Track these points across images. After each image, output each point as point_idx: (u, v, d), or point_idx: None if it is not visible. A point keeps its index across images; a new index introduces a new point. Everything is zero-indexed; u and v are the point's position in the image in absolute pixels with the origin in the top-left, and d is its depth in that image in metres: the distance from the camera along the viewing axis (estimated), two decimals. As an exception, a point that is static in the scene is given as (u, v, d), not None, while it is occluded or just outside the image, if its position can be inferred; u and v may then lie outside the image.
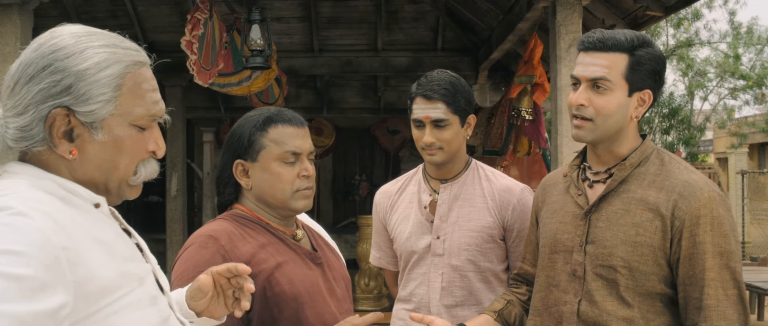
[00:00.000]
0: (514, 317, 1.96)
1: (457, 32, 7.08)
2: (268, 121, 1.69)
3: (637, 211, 1.66)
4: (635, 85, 1.68)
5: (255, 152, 1.68)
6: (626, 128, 1.72)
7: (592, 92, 1.69)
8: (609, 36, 1.68)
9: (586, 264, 1.71)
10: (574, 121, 1.73)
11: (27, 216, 1.00)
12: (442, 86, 2.10)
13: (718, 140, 21.12)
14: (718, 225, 1.60)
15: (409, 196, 2.31)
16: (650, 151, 1.74)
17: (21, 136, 1.09)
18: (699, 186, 1.64)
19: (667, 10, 4.52)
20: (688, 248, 1.60)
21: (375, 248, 2.48)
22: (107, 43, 1.14)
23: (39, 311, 0.95)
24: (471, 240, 2.16)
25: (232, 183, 1.73)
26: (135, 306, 1.12)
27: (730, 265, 1.59)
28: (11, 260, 0.95)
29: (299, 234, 1.77)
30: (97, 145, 1.12)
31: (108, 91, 1.11)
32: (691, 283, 1.60)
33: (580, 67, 1.72)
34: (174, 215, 7.40)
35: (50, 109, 1.08)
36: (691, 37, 16.51)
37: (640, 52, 1.67)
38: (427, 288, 2.19)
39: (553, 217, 1.84)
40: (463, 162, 2.25)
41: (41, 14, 5.82)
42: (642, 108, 1.72)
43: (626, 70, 1.67)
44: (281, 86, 6.92)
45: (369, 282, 6.71)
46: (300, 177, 1.69)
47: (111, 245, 1.12)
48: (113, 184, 1.16)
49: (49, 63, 1.09)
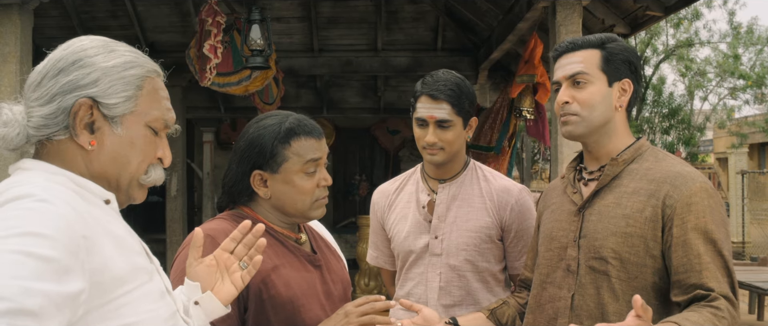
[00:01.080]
0: (507, 318, 1.97)
1: (457, 32, 7.09)
2: (291, 133, 1.66)
3: (628, 204, 1.68)
4: (612, 75, 1.75)
5: (277, 164, 1.65)
6: (613, 120, 1.76)
7: (573, 89, 1.75)
8: (578, 38, 1.79)
9: (579, 259, 1.73)
10: (561, 119, 1.78)
11: (50, 202, 1.05)
12: (448, 87, 2.10)
13: (718, 140, 21.14)
14: (710, 213, 1.60)
15: (407, 196, 2.31)
16: (645, 149, 1.76)
17: (44, 123, 1.15)
18: (691, 176, 1.65)
19: (667, 10, 4.53)
20: (680, 235, 1.60)
21: (372, 247, 2.48)
22: (130, 49, 1.25)
23: (65, 293, 0.99)
24: (469, 240, 2.16)
25: (247, 193, 1.70)
26: (146, 298, 1.15)
27: (722, 252, 1.59)
28: (41, 242, 0.99)
29: (303, 237, 1.76)
30: (115, 139, 1.19)
31: (130, 89, 1.20)
32: (686, 270, 1.59)
33: (557, 71, 1.80)
34: (174, 215, 7.40)
35: (76, 98, 1.15)
36: (691, 37, 16.53)
37: (610, 45, 1.76)
38: (424, 288, 2.19)
39: (550, 217, 1.86)
40: (461, 162, 2.25)
41: (41, 14, 5.82)
42: (625, 97, 1.77)
43: (601, 62, 1.74)
44: (279, 85, 6.92)
45: (369, 282, 6.71)
46: (319, 186, 1.69)
47: (122, 239, 1.16)
48: (124, 180, 1.22)
49: (79, 59, 1.18)
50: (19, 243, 0.97)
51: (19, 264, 0.95)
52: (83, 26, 6.76)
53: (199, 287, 1.36)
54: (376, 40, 7.13)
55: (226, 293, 1.38)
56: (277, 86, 6.88)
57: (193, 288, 1.36)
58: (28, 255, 0.97)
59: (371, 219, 2.44)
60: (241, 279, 1.39)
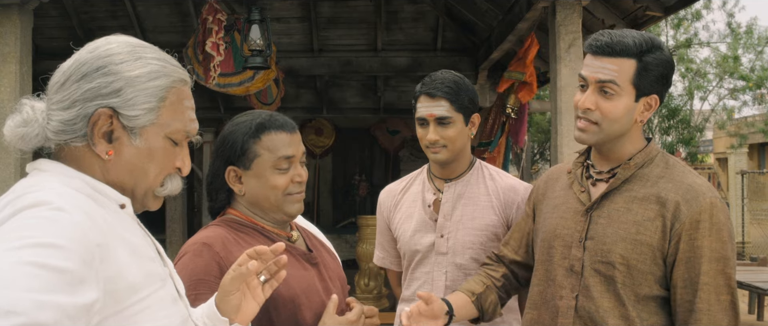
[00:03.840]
0: (489, 303, 1.95)
1: (457, 32, 7.08)
2: (261, 128, 1.68)
3: (638, 210, 1.67)
4: (642, 90, 1.67)
5: (248, 160, 1.67)
6: (630, 131, 1.73)
7: (599, 96, 1.68)
8: (617, 40, 1.66)
9: (584, 260, 1.72)
10: (579, 123, 1.73)
11: (65, 211, 1.03)
12: (445, 84, 2.12)
13: (717, 140, 21.13)
14: (718, 231, 1.61)
15: (412, 195, 2.31)
16: (655, 154, 1.75)
17: (62, 129, 1.13)
18: (702, 191, 1.64)
19: (666, 11, 4.53)
20: (686, 251, 1.61)
21: (379, 248, 2.47)
22: (159, 56, 1.21)
23: (79, 305, 0.97)
24: (475, 238, 2.16)
25: (224, 189, 1.72)
26: (160, 305, 1.14)
27: (725, 271, 1.60)
28: (55, 253, 0.97)
29: (294, 235, 1.77)
30: (133, 150, 1.17)
31: (153, 101, 1.17)
32: (685, 286, 1.61)
33: (588, 69, 1.70)
34: (174, 215, 7.41)
35: (96, 107, 1.13)
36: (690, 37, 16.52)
37: (648, 57, 1.66)
38: (431, 287, 2.19)
39: (553, 212, 1.84)
40: (467, 161, 2.25)
41: (41, 14, 5.82)
42: (648, 112, 1.72)
43: (634, 75, 1.65)
44: (279, 86, 6.92)
45: (369, 282, 6.70)
46: (293, 182, 1.70)
47: (136, 245, 1.15)
48: (140, 191, 1.20)
49: (104, 65, 1.14)
50: (33, 254, 0.95)
51: (32, 277, 0.93)
52: (83, 26, 6.76)
53: (227, 322, 1.35)
54: (376, 40, 7.12)
55: (251, 311, 1.39)
56: (277, 87, 6.88)
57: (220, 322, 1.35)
58: (42, 266, 0.94)
59: (377, 219, 2.44)
60: (263, 292, 1.39)
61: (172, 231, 7.38)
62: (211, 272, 1.55)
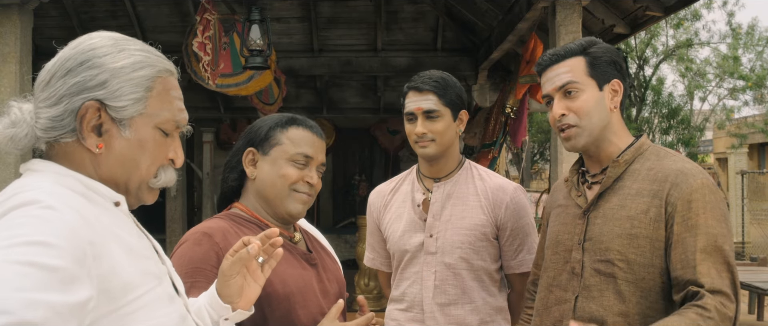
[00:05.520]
0: None
1: (457, 32, 7.09)
2: (292, 121, 1.73)
3: (632, 205, 1.68)
4: (601, 78, 1.75)
5: (269, 146, 1.71)
6: (611, 122, 1.76)
7: (566, 100, 1.75)
8: (559, 48, 1.80)
9: (584, 261, 1.73)
10: (561, 134, 1.78)
11: (55, 209, 1.02)
12: (432, 79, 2.17)
13: (717, 140, 21.14)
14: (711, 209, 1.60)
15: (402, 196, 2.32)
16: (646, 148, 1.76)
17: (51, 125, 1.12)
18: (692, 173, 1.65)
19: (666, 11, 4.53)
20: (681, 232, 1.60)
21: (369, 249, 2.48)
22: (142, 47, 1.21)
23: (71, 303, 0.96)
24: (464, 238, 2.17)
25: (238, 170, 1.75)
26: (156, 304, 1.14)
27: (723, 247, 1.57)
28: (45, 251, 0.96)
29: (297, 236, 1.78)
30: (123, 142, 1.16)
31: (139, 91, 1.17)
32: (683, 266, 1.58)
33: (546, 85, 1.80)
34: (174, 215, 7.41)
35: (83, 101, 1.13)
36: (690, 37, 16.53)
37: (592, 49, 1.76)
38: (420, 287, 2.19)
39: (556, 220, 1.87)
40: (456, 160, 2.26)
41: (41, 14, 5.83)
42: (617, 97, 1.78)
43: (587, 68, 1.75)
44: (280, 86, 6.92)
45: (369, 282, 6.70)
46: (303, 181, 1.70)
47: (131, 243, 1.14)
48: (133, 184, 1.20)
49: (88, 59, 1.14)
50: (24, 252, 0.94)
51: (22, 276, 0.92)
52: (83, 26, 6.76)
53: (229, 308, 1.35)
54: (376, 40, 7.13)
55: (254, 293, 1.39)
56: (279, 87, 6.88)
57: (223, 309, 1.35)
58: (32, 265, 0.93)
59: (368, 220, 2.44)
60: (263, 273, 1.40)
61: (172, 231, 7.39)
62: (208, 261, 1.56)
